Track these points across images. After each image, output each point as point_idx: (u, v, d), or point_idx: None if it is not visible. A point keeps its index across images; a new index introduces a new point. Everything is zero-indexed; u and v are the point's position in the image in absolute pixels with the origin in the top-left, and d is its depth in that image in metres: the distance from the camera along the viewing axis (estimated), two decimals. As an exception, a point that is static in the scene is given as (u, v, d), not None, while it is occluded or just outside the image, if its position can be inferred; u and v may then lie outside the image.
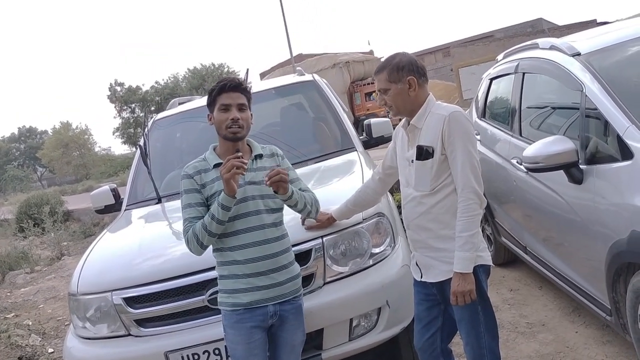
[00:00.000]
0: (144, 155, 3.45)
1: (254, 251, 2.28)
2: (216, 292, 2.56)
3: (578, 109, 2.81)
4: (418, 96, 2.24)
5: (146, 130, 3.61)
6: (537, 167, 2.79)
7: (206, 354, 2.57)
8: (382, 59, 2.49)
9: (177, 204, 3.56)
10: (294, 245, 2.61)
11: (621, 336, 2.79)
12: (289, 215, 2.78)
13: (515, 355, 3.14)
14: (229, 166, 2.13)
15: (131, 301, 2.65)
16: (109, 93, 50.25)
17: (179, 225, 3.21)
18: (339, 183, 3.27)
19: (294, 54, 26.13)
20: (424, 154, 2.21)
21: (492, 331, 2.26)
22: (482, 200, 2.17)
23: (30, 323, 5.58)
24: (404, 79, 2.22)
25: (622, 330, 2.64)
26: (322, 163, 3.62)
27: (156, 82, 47.34)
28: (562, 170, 2.71)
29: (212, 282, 2.57)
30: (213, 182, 2.32)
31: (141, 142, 3.57)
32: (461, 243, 2.13)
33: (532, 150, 2.80)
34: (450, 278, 2.17)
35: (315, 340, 2.63)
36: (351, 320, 2.64)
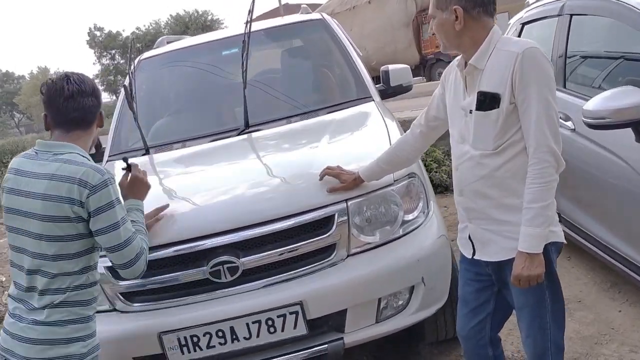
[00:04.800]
0: (130, 98, 2.92)
1: None
2: (219, 264, 2.15)
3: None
4: (472, 31, 1.75)
5: (132, 67, 3.06)
6: (601, 124, 2.35)
7: (207, 336, 2.16)
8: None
9: (167, 155, 3.11)
10: (311, 210, 2.19)
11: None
12: (304, 175, 2.37)
13: (551, 335, 2.79)
14: None
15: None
16: (88, 38, 48.70)
17: (171, 182, 2.77)
18: (359, 138, 2.81)
19: (282, 2, 25.12)
20: (487, 102, 1.74)
21: (559, 321, 1.87)
22: (560, 163, 1.72)
23: (4, 279, 5.16)
24: (450, 7, 1.74)
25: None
26: (334, 115, 3.15)
27: (137, 28, 45.82)
28: (629, 128, 2.29)
29: (215, 250, 2.16)
30: None
31: (126, 82, 3.02)
32: (530, 216, 1.70)
33: (595, 103, 2.35)
34: (513, 258, 1.75)
35: (336, 321, 2.24)
36: (379, 300, 2.24)
